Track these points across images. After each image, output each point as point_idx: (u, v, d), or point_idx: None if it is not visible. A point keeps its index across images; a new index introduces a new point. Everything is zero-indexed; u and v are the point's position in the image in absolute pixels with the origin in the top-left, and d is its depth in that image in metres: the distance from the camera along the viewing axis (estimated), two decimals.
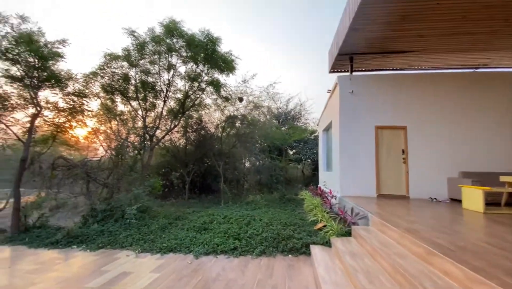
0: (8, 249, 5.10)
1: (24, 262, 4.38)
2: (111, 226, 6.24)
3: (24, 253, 4.89)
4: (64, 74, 7.62)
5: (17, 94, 7.12)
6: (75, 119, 8.32)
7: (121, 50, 8.91)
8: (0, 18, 6.32)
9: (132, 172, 8.52)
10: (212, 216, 7.05)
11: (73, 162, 7.84)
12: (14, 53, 6.70)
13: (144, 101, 9.98)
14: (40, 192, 7.62)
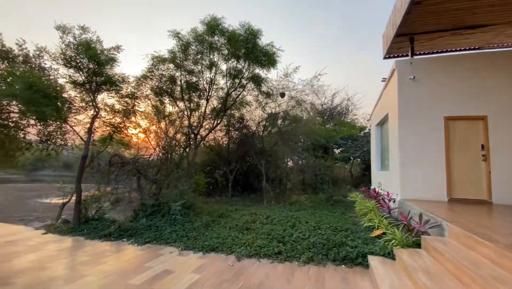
0: (69, 239, 5.55)
1: (79, 253, 4.65)
2: (158, 221, 6.40)
3: (81, 244, 5.24)
4: (118, 78, 8.16)
5: (80, 98, 7.86)
6: (128, 120, 8.90)
7: (167, 52, 9.25)
8: (65, 30, 7.01)
9: (178, 169, 8.75)
10: (254, 216, 6.74)
11: (127, 159, 8.37)
12: (77, 61, 7.40)
13: (189, 102, 10.26)
14: (99, 187, 8.31)
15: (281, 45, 8.79)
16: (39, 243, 5.17)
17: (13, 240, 5.39)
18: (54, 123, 8.52)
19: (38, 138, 9.55)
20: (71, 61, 7.33)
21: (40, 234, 6.02)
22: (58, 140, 9.22)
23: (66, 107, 7.56)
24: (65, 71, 7.41)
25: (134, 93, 8.73)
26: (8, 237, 5.60)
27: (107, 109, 8.40)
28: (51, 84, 6.97)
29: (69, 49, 7.22)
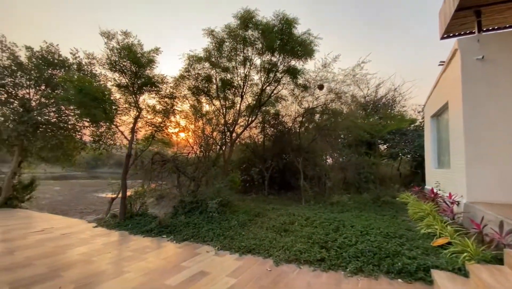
0: (116, 233, 5.84)
1: (122, 248, 4.82)
2: (196, 218, 6.43)
3: (125, 238, 5.47)
4: (158, 79, 8.44)
5: (124, 100, 8.32)
6: (168, 120, 9.20)
7: (202, 51, 9.30)
8: (109, 35, 7.44)
9: (214, 167, 8.77)
10: (292, 216, 6.36)
11: (167, 157, 8.65)
12: (121, 64, 7.82)
13: (224, 100, 10.25)
14: (143, 183, 8.75)
15: (318, 33, 8.15)
16: (89, 236, 5.53)
17: (68, 232, 5.87)
18: (105, 124, 9.20)
19: (91, 139, 10.47)
20: (115, 65, 7.76)
21: (92, 227, 6.48)
22: (108, 140, 9.94)
23: (113, 109, 8.07)
24: (110, 75, 7.87)
25: (172, 93, 8.96)
26: (64, 230, 6.13)
27: (149, 109, 8.78)
28: (99, 88, 7.47)
29: (113, 54, 7.64)
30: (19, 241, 5.15)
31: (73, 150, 10.33)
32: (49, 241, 5.11)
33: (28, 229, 6.09)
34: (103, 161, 45.95)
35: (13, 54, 8.97)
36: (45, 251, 4.48)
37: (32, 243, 4.99)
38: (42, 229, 6.10)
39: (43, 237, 5.45)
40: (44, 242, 5.01)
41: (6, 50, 8.88)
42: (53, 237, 5.46)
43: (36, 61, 9.29)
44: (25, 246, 4.78)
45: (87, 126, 10.46)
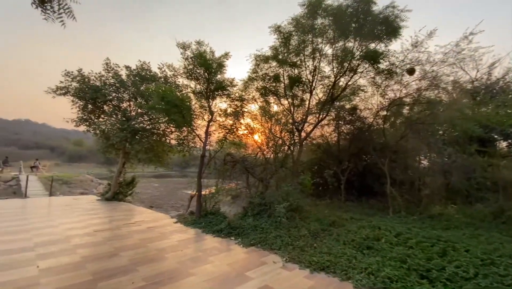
0: (191, 231, 6.11)
1: (193, 247, 4.91)
2: (263, 222, 6.13)
3: (197, 237, 5.62)
4: (227, 82, 8.66)
5: (199, 105, 8.87)
6: (238, 122, 9.35)
7: (269, 50, 9.05)
8: (184, 46, 8.04)
9: (283, 168, 8.34)
10: (378, 230, 5.25)
11: (237, 158, 8.76)
12: (196, 72, 8.36)
13: (292, 98, 9.74)
14: (217, 183, 9.12)
15: (406, 5, 6.63)
16: (168, 232, 5.95)
17: (153, 226, 6.50)
18: (186, 129, 10.11)
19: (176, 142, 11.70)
20: (191, 74, 8.35)
21: (173, 222, 7.04)
22: (190, 143, 10.88)
23: (190, 114, 8.71)
24: (186, 83, 8.51)
25: (242, 96, 9.06)
26: (151, 223, 6.84)
27: (220, 113, 9.11)
28: (177, 95, 8.16)
29: (189, 63, 8.23)
30: (115, 231, 5.98)
31: (162, 152, 11.78)
32: (137, 233, 5.72)
33: (124, 221, 7.10)
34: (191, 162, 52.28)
35: (116, 74, 10.88)
36: (131, 243, 4.98)
37: (123, 234, 5.70)
38: (134, 222, 6.99)
39: (133, 229, 6.18)
40: (132, 234, 5.64)
41: (111, 70, 10.85)
42: (141, 229, 6.13)
43: (133, 78, 11.04)
44: (118, 237, 5.47)
45: (173, 131, 11.77)
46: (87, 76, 10.58)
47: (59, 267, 3.70)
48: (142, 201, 18.11)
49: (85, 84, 10.35)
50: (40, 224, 6.46)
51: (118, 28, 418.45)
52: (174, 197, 22.52)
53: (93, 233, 5.65)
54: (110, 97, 10.57)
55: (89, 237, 5.37)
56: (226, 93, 8.71)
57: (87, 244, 4.88)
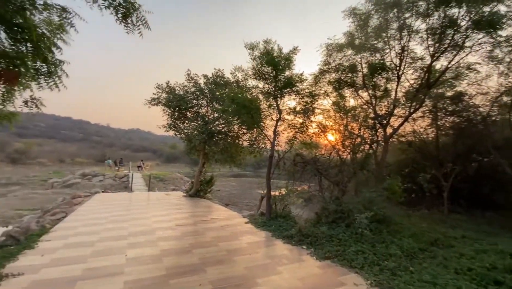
0: (260, 233, 5.91)
1: (262, 252, 4.64)
2: (341, 232, 5.35)
3: (267, 241, 5.35)
4: (296, 78, 8.19)
5: (268, 105, 8.72)
6: (309, 120, 8.75)
7: (343, 36, 8.09)
8: (252, 46, 8.02)
9: (363, 170, 7.23)
10: (510, 259, 3.74)
11: (307, 158, 8.16)
12: (263, 71, 8.24)
13: (373, 89, 8.43)
14: (287, 184, 8.74)
15: None
16: (239, 232, 5.92)
17: (226, 224, 6.63)
18: (256, 130, 10.17)
19: (247, 143, 11.95)
20: (259, 74, 8.27)
21: (244, 222, 7.04)
22: (260, 144, 10.92)
23: (258, 115, 8.65)
24: (254, 83, 8.48)
25: (312, 91, 8.42)
26: (224, 221, 7.02)
27: (289, 111, 8.70)
28: (246, 97, 8.21)
29: (257, 63, 8.17)
30: (193, 226, 6.36)
31: (236, 153, 12.26)
32: (211, 231, 5.91)
33: (202, 217, 7.54)
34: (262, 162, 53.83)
35: (196, 82, 11.93)
36: (204, 241, 5.13)
37: (199, 230, 5.98)
38: (210, 219, 7.33)
39: (208, 226, 6.44)
40: (207, 231, 5.85)
41: (192, 80, 11.95)
42: (214, 227, 6.32)
43: (209, 86, 11.89)
44: (194, 233, 5.77)
45: (245, 133, 12.09)
46: (173, 87, 12.02)
47: (141, 258, 4.05)
48: (221, 198, 19.54)
49: (172, 94, 11.78)
50: (137, 215, 7.55)
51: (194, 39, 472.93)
52: (248, 196, 23.45)
53: (174, 227, 6.15)
54: (192, 104, 11.71)
55: (170, 230, 5.85)
56: (294, 90, 8.25)
57: (168, 237, 5.30)
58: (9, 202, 14.91)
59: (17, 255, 3.80)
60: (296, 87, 8.15)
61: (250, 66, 8.32)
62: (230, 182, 34.59)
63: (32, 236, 4.89)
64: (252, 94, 8.90)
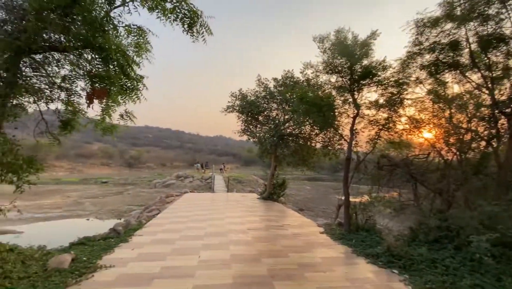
0: (338, 247, 5.19)
1: (339, 270, 3.99)
2: (447, 256, 4.11)
3: (345, 258, 4.63)
4: (377, 66, 7.05)
5: (342, 100, 7.82)
6: (396, 114, 7.39)
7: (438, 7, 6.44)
8: (321, 39, 7.36)
9: (478, 175, 5.48)
10: None
11: (396, 161, 6.83)
12: (335, 64, 7.44)
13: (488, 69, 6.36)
14: (370, 191, 7.57)
15: None
16: (313, 243, 5.37)
17: (298, 233, 6.18)
18: (330, 130, 9.40)
19: (320, 145, 11.18)
20: (331, 67, 7.53)
21: (319, 232, 6.42)
22: (336, 145, 10.03)
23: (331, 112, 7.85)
24: (326, 78, 7.77)
25: (398, 80, 7.08)
26: (297, 229, 6.58)
27: (369, 105, 7.57)
28: (316, 94, 7.59)
29: (328, 56, 7.46)
30: (264, 232, 6.20)
31: (308, 156, 11.64)
32: (282, 238, 5.60)
33: (274, 222, 7.33)
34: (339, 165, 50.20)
35: (266, 86, 11.98)
36: (274, 249, 4.85)
37: (270, 236, 5.76)
38: (282, 224, 7.03)
39: (280, 232, 6.15)
40: (277, 239, 5.57)
41: (262, 85, 12.07)
42: (286, 234, 5.98)
43: (279, 88, 11.75)
44: (265, 239, 5.58)
45: (318, 134, 11.35)
46: (245, 94, 12.46)
47: (212, 261, 4.09)
48: (295, 203, 19.06)
49: (244, 100, 12.21)
50: (214, 215, 8.00)
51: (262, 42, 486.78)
52: (325, 201, 22.06)
53: (246, 231, 6.14)
54: (262, 108, 11.84)
55: (242, 234, 5.85)
56: (375, 81, 7.11)
57: (239, 241, 5.28)
58: (124, 199, 18.70)
59: (114, 247, 4.47)
60: (377, 77, 7.02)
61: (320, 60, 7.67)
62: (304, 186, 33.60)
63: (130, 230, 5.75)
64: (324, 91, 8.19)
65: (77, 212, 14.56)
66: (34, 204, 16.19)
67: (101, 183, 31.40)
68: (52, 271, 3.15)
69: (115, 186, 28.53)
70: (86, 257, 3.81)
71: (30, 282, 2.77)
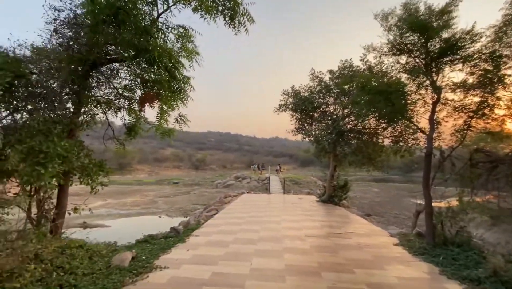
0: (419, 265, 4.17)
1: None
2: None
3: (431, 279, 3.64)
4: (462, 36, 5.61)
5: (416, 84, 6.52)
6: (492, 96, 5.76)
7: None
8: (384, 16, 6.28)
9: None
10: None
11: (498, 156, 5.25)
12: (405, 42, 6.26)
13: None
14: (460, 195, 6.06)
15: None
16: (386, 258, 4.47)
17: (366, 244, 5.29)
18: (402, 122, 8.10)
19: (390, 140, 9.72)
20: (399, 47, 6.37)
21: (392, 244, 5.39)
22: (409, 140, 8.63)
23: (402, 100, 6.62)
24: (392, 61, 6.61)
25: (494, 51, 5.49)
26: (363, 239, 5.68)
27: (454, 88, 6.09)
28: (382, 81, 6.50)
29: (394, 35, 6.33)
30: (324, 240, 5.53)
31: (374, 154, 10.26)
32: (345, 249, 4.86)
33: (335, 229, 6.55)
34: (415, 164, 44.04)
35: (321, 80, 11.11)
36: (336, 262, 4.20)
37: (331, 246, 5.08)
38: (345, 232, 6.21)
39: (343, 242, 5.39)
40: (338, 249, 4.86)
41: (316, 79, 11.25)
42: (350, 245, 5.19)
43: (336, 80, 10.74)
44: (324, 248, 4.93)
45: (385, 128, 9.91)
46: (298, 90, 11.84)
47: (265, 270, 3.73)
48: (360, 207, 17.27)
49: (297, 97, 11.61)
50: (269, 218, 7.68)
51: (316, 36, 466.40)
52: (397, 206, 19.38)
53: (303, 238, 5.60)
54: (318, 104, 11.01)
55: (299, 241, 5.34)
56: (461, 56, 5.66)
57: (295, 249, 4.80)
58: (190, 198, 20.24)
59: (172, 247, 4.57)
60: (463, 51, 5.57)
61: (384, 41, 6.57)
62: (371, 188, 30.43)
63: (188, 230, 5.91)
64: (390, 77, 7.00)
65: (152, 209, 16.40)
66: (120, 202, 19.00)
67: (172, 183, 35.02)
68: (114, 269, 3.32)
69: (184, 186, 31.40)
70: (145, 256, 3.96)
71: (93, 279, 2.94)
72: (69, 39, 3.74)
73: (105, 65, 4.26)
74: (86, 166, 4.22)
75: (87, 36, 3.61)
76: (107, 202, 18.78)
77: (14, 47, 3.53)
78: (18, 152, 2.71)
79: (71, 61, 3.64)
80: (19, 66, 3.28)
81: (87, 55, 3.62)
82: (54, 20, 3.66)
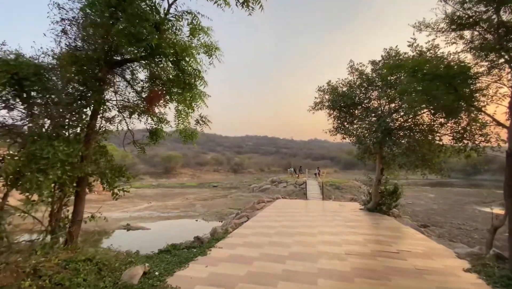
0: None
1: None
2: None
3: None
4: None
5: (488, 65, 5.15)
6: None
7: None
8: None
9: None
10: None
11: None
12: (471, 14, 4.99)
13: None
14: None
15: None
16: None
17: (426, 268, 4.18)
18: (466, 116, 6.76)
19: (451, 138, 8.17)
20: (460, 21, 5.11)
21: (462, 268, 4.18)
22: (477, 136, 7.17)
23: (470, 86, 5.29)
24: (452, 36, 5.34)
25: None
26: (421, 261, 4.54)
27: None
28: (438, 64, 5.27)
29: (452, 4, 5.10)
30: (369, 261, 4.56)
31: (430, 154, 8.66)
32: (397, 275, 3.86)
33: (384, 245, 5.46)
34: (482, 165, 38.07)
35: (362, 73, 9.89)
36: None
37: (379, 269, 4.10)
38: (397, 251, 5.11)
39: (394, 264, 4.36)
40: (389, 274, 3.87)
41: (355, 72, 10.06)
42: (404, 269, 4.15)
43: (379, 71, 9.44)
44: (370, 272, 3.99)
45: (444, 123, 8.32)
46: (335, 86, 10.76)
47: None
48: (415, 215, 15.11)
49: (334, 93, 10.54)
50: (304, 228, 6.86)
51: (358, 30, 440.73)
52: (459, 214, 16.51)
53: (343, 256, 4.70)
54: (359, 99, 9.80)
55: (337, 261, 4.47)
56: None
57: (332, 272, 3.97)
58: (227, 202, 20.19)
59: (190, 261, 4.14)
60: None
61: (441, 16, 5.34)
62: (426, 193, 26.77)
63: (213, 240, 5.47)
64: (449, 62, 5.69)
65: (190, 212, 16.69)
66: (163, 204, 19.88)
67: (212, 186, 35.92)
68: (121, 286, 2.99)
69: (222, 189, 31.89)
70: (158, 272, 3.59)
71: None
72: (79, 39, 3.67)
73: (121, 66, 4.11)
74: (103, 172, 4.07)
75: (96, 35, 3.45)
76: (151, 205, 19.85)
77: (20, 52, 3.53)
78: (17, 158, 2.58)
79: (84, 63, 3.52)
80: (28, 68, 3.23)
81: (98, 54, 3.46)
82: (62, 20, 3.62)
